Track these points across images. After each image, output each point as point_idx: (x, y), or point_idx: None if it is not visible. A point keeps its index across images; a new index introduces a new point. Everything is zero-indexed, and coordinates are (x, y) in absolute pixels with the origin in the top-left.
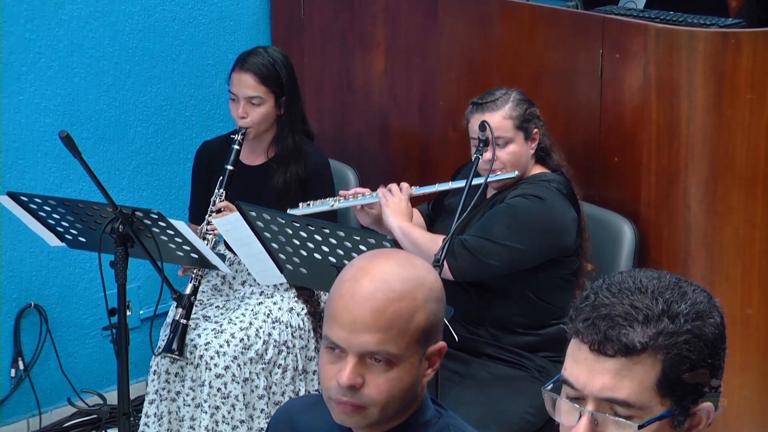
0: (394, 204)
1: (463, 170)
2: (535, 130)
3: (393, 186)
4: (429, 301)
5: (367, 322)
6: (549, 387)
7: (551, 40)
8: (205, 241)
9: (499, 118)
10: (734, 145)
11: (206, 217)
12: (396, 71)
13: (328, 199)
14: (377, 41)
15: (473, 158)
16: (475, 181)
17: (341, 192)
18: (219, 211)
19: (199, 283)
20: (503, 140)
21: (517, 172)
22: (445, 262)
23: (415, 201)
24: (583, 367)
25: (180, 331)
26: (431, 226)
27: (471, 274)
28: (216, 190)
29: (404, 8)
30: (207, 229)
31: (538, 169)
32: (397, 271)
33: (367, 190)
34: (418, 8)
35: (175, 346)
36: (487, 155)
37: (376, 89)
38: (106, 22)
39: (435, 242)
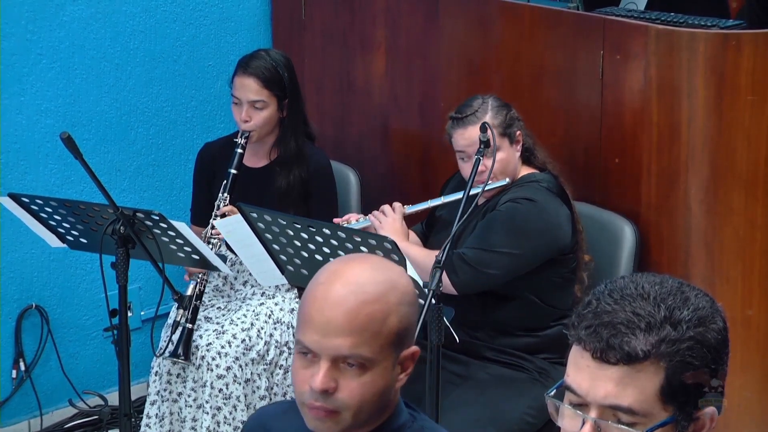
0: (389, 225)
1: (450, 182)
2: (518, 133)
3: (385, 207)
4: (402, 304)
5: (340, 325)
6: (552, 393)
7: (552, 41)
8: (210, 245)
9: None
10: (735, 146)
11: (210, 221)
12: (396, 72)
13: None
14: (378, 42)
15: (464, 166)
16: (459, 196)
17: (335, 219)
18: (223, 215)
19: (204, 287)
20: (491, 150)
21: (507, 179)
22: (445, 278)
23: (408, 220)
24: (586, 375)
25: (186, 336)
26: (425, 241)
27: (473, 287)
28: (220, 194)
29: (405, 9)
30: (211, 233)
31: (525, 170)
32: (370, 275)
33: (361, 216)
34: (419, 9)
35: (180, 350)
36: (481, 167)
37: (376, 90)
38: (107, 24)
39: (432, 258)
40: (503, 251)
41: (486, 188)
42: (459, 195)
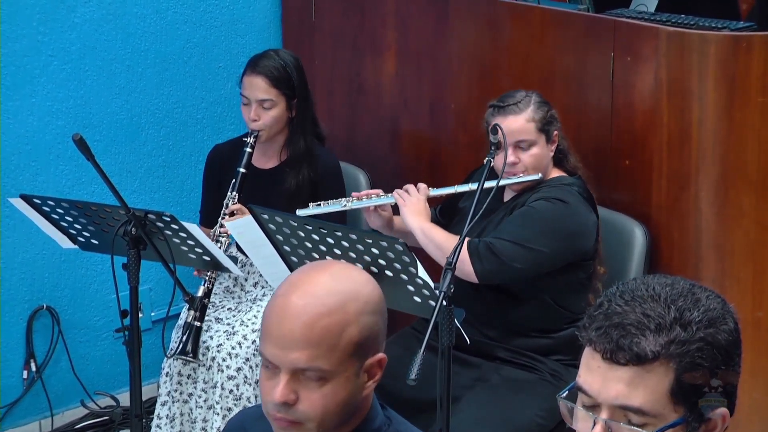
0: (413, 204)
1: (475, 174)
2: (555, 132)
3: (410, 187)
4: (363, 314)
5: (296, 338)
6: (564, 394)
7: (562, 43)
8: (218, 244)
9: (523, 121)
10: (745, 148)
11: (219, 219)
12: (406, 74)
13: (341, 199)
14: (388, 44)
15: (500, 155)
16: (493, 183)
17: (354, 193)
18: (232, 213)
19: (213, 285)
20: (527, 143)
21: (540, 175)
22: (467, 266)
23: (431, 202)
24: (597, 376)
25: (194, 334)
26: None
27: (495, 277)
28: (228, 193)
29: (415, 11)
30: (220, 232)
31: (556, 172)
32: (328, 285)
33: (380, 192)
34: (429, 11)
35: (189, 348)
36: (512, 158)
37: (386, 92)
38: (118, 25)
39: (453, 242)
40: (531, 247)
41: (517, 181)
42: (486, 184)
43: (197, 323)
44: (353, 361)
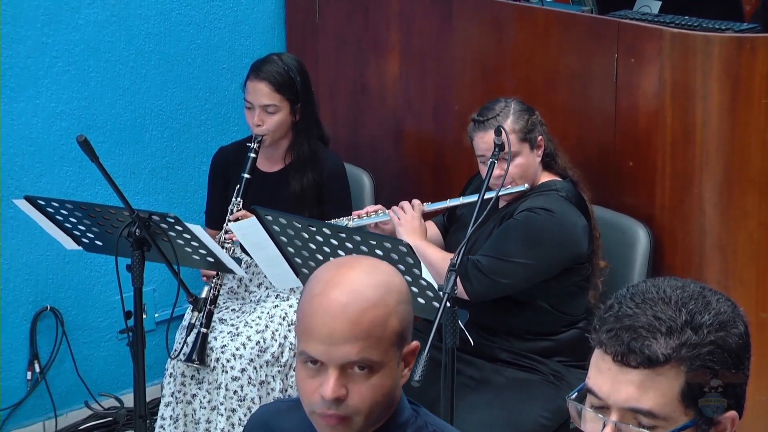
0: (407, 222)
1: (474, 180)
2: (539, 138)
3: (405, 204)
4: (400, 303)
5: (345, 333)
6: (573, 396)
7: (566, 44)
8: (224, 249)
9: None
10: (749, 149)
11: (224, 225)
12: (410, 75)
13: (342, 218)
14: (392, 45)
15: (485, 170)
16: (487, 195)
17: (354, 212)
18: (237, 220)
19: (218, 291)
20: (505, 153)
21: (527, 185)
22: (459, 285)
23: (426, 218)
24: (607, 378)
25: (200, 341)
26: (446, 235)
27: (486, 295)
28: (233, 199)
29: (419, 12)
30: (225, 238)
31: (545, 176)
32: (366, 279)
33: (380, 207)
34: (433, 12)
35: (195, 356)
36: (498, 171)
37: (390, 93)
38: (122, 26)
39: (448, 261)
40: (518, 261)
41: (503, 193)
42: (472, 198)
43: (204, 330)
44: (395, 351)
